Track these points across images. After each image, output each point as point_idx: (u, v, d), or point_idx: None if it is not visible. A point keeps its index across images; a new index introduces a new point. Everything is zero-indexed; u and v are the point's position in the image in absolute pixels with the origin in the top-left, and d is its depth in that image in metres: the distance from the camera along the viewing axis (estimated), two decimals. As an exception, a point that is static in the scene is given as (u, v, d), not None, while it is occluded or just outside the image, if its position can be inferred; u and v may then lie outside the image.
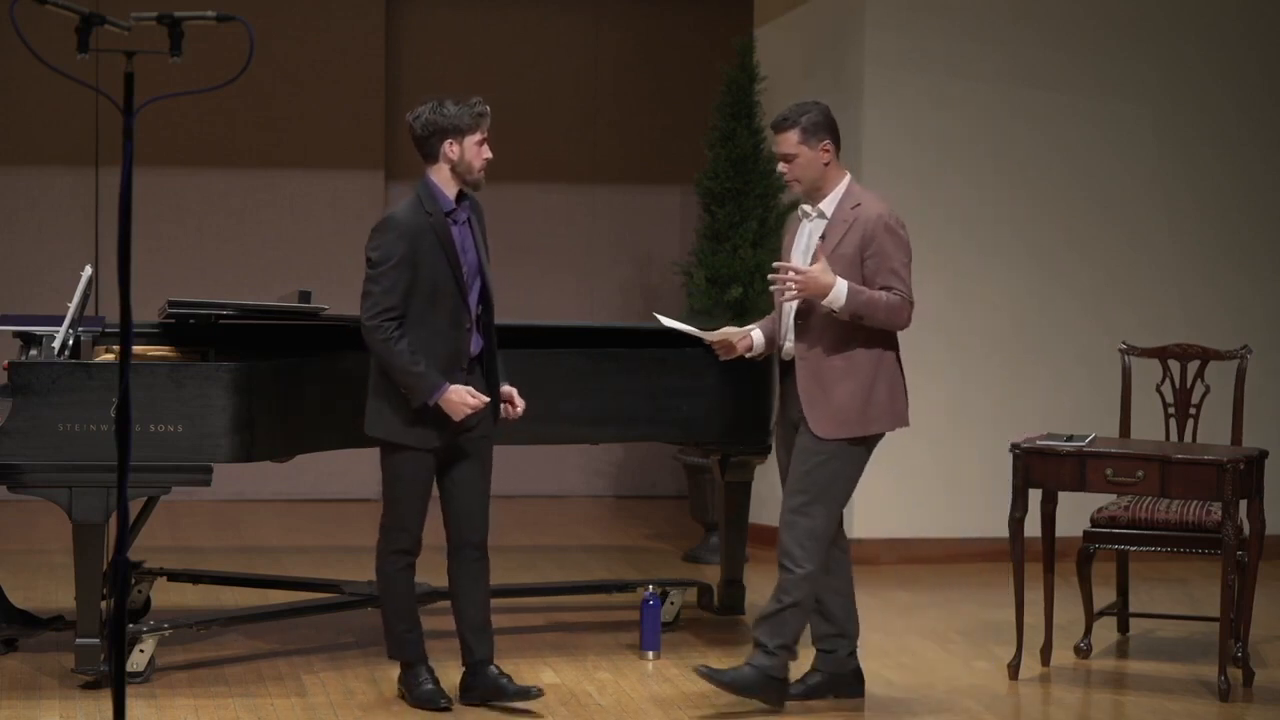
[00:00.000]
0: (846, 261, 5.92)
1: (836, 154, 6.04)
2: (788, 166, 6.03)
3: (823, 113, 6.05)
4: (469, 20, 10.89)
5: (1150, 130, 9.15)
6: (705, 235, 9.26)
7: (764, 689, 6.03)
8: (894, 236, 5.95)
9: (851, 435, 5.98)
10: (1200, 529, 6.57)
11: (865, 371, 5.97)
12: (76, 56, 3.90)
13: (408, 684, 6.10)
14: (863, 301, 5.86)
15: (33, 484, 6.07)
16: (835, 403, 5.96)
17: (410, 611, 6.09)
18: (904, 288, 5.92)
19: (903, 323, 5.95)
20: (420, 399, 5.84)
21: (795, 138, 6.00)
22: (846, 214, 5.98)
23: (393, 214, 5.96)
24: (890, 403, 6.02)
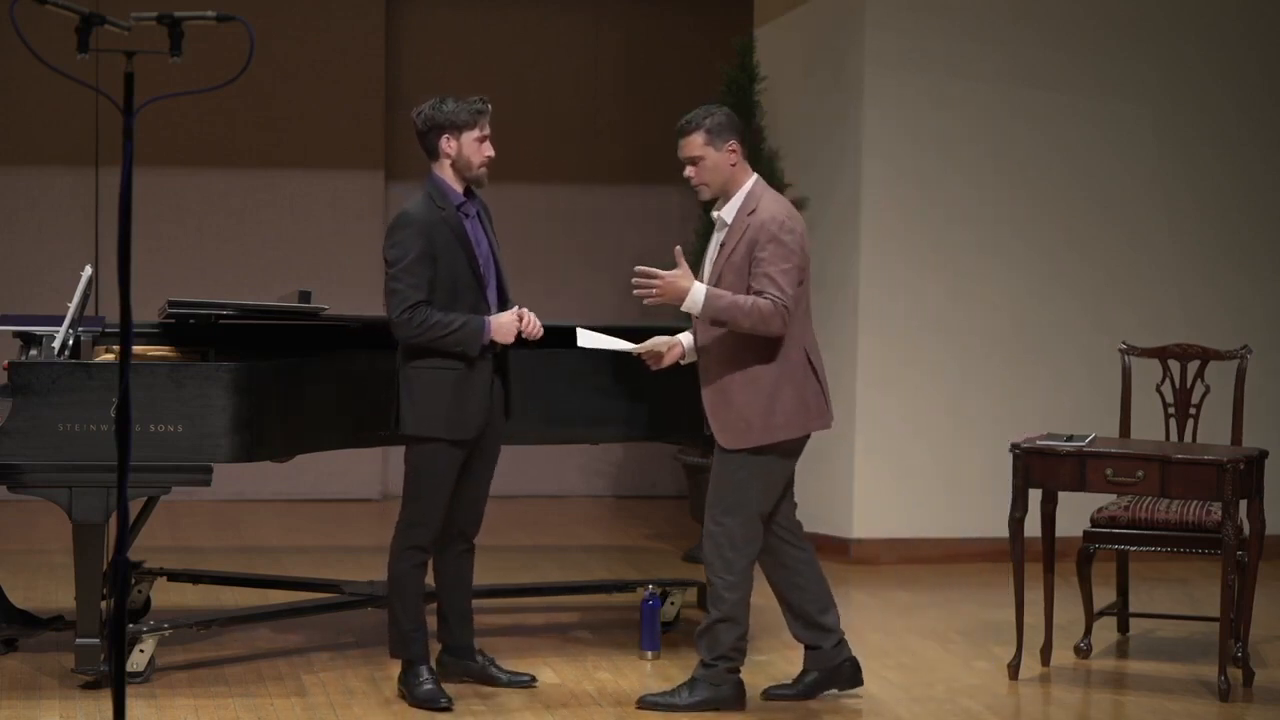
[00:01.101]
0: (736, 270, 5.89)
1: (743, 156, 6.00)
2: (694, 170, 6.00)
3: (727, 115, 6.01)
4: (469, 20, 10.89)
5: (1150, 130, 9.15)
6: (705, 235, 9.25)
7: (714, 701, 6.05)
8: (776, 242, 5.85)
9: (755, 444, 5.93)
10: (1200, 529, 6.57)
11: (766, 379, 5.90)
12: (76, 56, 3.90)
13: (408, 683, 6.11)
14: (722, 307, 5.82)
15: (33, 484, 6.07)
16: (736, 413, 5.92)
17: (419, 611, 6.14)
18: (777, 292, 5.80)
19: (773, 329, 5.82)
20: (476, 345, 5.96)
21: (700, 139, 5.97)
22: (742, 221, 5.94)
23: (407, 211, 6.01)
24: (798, 409, 5.94)
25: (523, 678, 6.34)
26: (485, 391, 6.06)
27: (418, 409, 6.00)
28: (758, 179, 6.04)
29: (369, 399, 6.63)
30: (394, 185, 10.70)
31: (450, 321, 5.93)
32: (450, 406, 5.99)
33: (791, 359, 5.94)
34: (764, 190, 6.01)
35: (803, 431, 6.00)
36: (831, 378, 9.07)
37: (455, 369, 5.99)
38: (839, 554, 8.98)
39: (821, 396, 6.04)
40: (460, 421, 6.01)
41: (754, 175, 6.04)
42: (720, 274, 5.94)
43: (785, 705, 6.20)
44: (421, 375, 5.99)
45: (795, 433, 5.97)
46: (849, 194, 8.99)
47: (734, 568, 6.00)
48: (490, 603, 7.34)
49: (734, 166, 5.98)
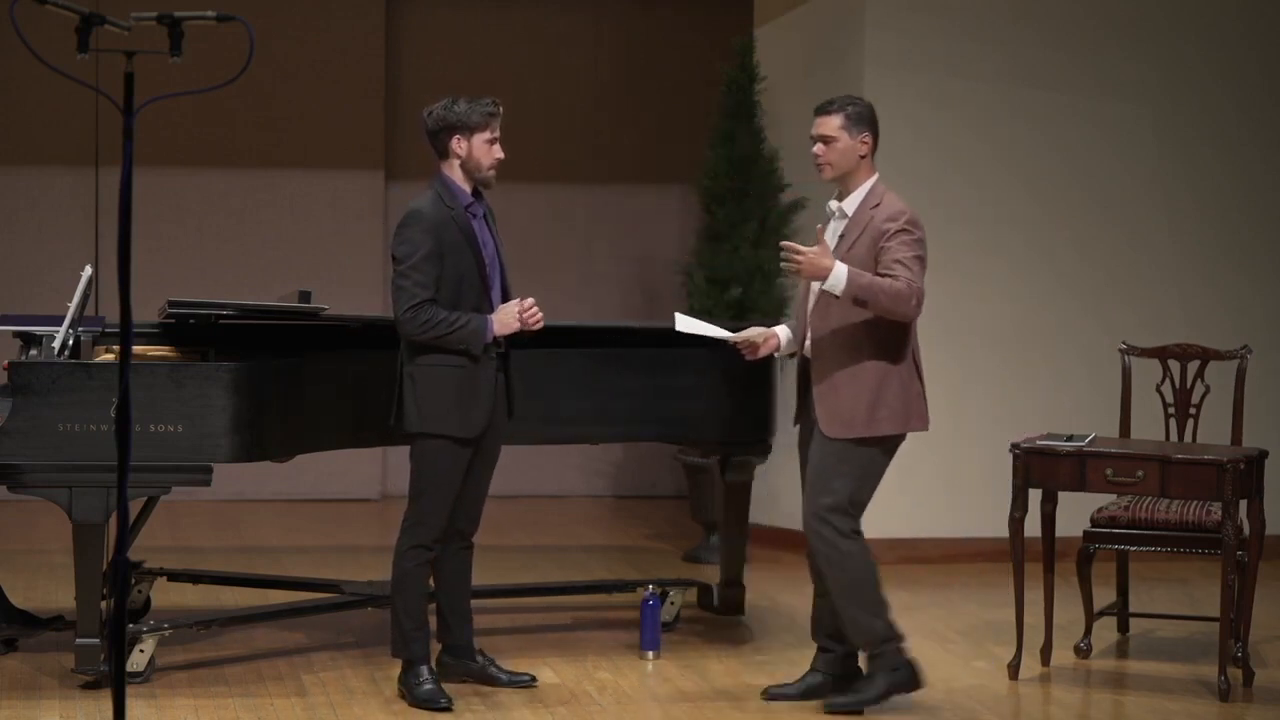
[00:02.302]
0: (859, 263, 5.93)
1: (872, 153, 6.06)
2: (823, 149, 6.05)
3: (870, 109, 6.10)
4: (469, 20, 10.89)
5: (1150, 130, 9.15)
6: (705, 235, 9.26)
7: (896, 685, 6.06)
8: (905, 233, 5.94)
9: (857, 436, 5.97)
10: (1200, 529, 6.57)
11: (874, 373, 5.96)
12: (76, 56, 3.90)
13: (408, 683, 6.11)
14: (863, 285, 5.84)
15: (33, 484, 6.07)
16: (842, 403, 5.97)
17: (421, 611, 6.14)
18: (910, 275, 5.88)
19: (908, 310, 5.89)
20: (479, 343, 5.98)
21: (838, 121, 6.04)
22: (865, 215, 6.00)
23: (416, 208, 6.03)
24: (902, 406, 5.99)
25: (523, 678, 6.34)
26: (490, 389, 6.07)
27: (423, 406, 6.01)
28: (880, 180, 6.08)
29: (369, 399, 6.63)
30: (394, 185, 10.69)
31: (455, 319, 5.95)
32: (456, 404, 6.00)
33: (900, 358, 5.99)
34: (886, 190, 6.08)
35: (903, 429, 6.03)
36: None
37: (460, 366, 6.00)
38: (839, 554, 8.98)
39: (923, 400, 6.08)
40: (466, 419, 6.03)
41: (876, 173, 6.09)
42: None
43: (787, 706, 6.19)
44: (427, 372, 6.01)
45: (896, 429, 6.01)
46: (849, 194, 8.98)
47: (848, 555, 6.01)
48: (490, 603, 7.34)
49: (862, 158, 6.05)
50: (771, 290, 9.07)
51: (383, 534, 10.09)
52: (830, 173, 6.08)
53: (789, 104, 9.27)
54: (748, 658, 6.91)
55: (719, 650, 6.99)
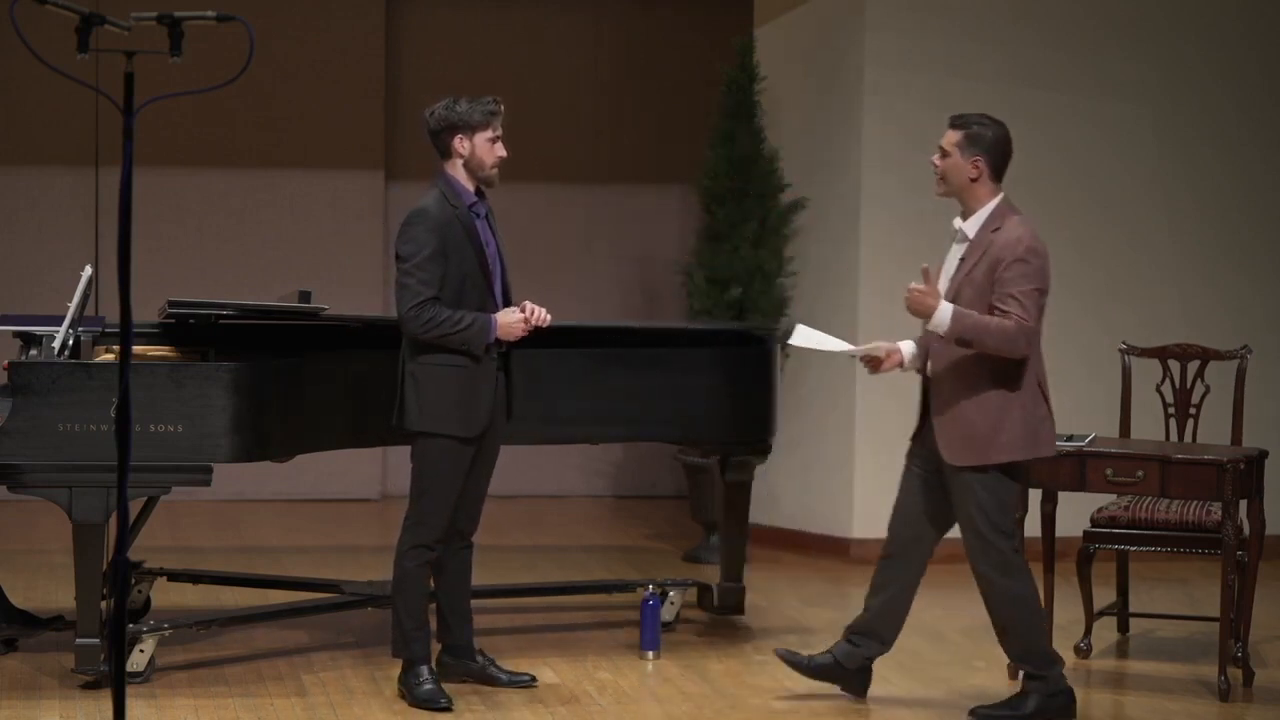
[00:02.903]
0: (977, 287, 5.87)
1: (991, 177, 5.95)
2: (939, 161, 6.02)
3: (996, 134, 5.95)
4: (469, 20, 10.89)
5: (1150, 130, 9.15)
6: (705, 235, 9.26)
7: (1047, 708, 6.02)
8: (1022, 263, 5.84)
9: (979, 462, 5.90)
10: (1200, 529, 6.57)
11: (995, 401, 5.87)
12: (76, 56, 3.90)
13: (408, 683, 6.12)
14: (969, 325, 5.78)
15: (33, 484, 6.07)
16: (963, 427, 5.90)
17: (422, 611, 6.15)
18: (1021, 313, 5.79)
19: (1017, 350, 5.81)
20: (481, 343, 6.00)
21: (956, 138, 5.98)
22: (985, 239, 5.92)
23: (422, 207, 6.04)
24: (1025, 433, 5.90)
25: (523, 678, 6.34)
26: (491, 389, 6.08)
27: (425, 405, 6.02)
28: (1005, 200, 5.99)
29: (369, 399, 6.63)
30: (394, 185, 10.69)
31: (459, 319, 5.96)
32: (457, 403, 6.01)
33: (1023, 383, 5.90)
34: (1010, 211, 5.97)
35: (1027, 456, 5.95)
36: (831, 377, 9.13)
37: (462, 366, 6.01)
38: (839, 554, 8.99)
39: (1049, 424, 5.99)
40: (467, 419, 6.03)
41: (1001, 196, 5.99)
42: (959, 289, 5.91)
43: (787, 706, 6.19)
44: (428, 371, 6.02)
45: (1019, 455, 5.92)
46: (849, 194, 9.00)
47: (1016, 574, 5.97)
48: (490, 603, 7.34)
49: (973, 181, 5.95)
50: (771, 290, 9.07)
51: (383, 534, 10.08)
52: (940, 187, 6.04)
53: (789, 104, 9.27)
54: (748, 658, 6.91)
55: (719, 650, 6.99)
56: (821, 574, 8.72)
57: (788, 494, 9.28)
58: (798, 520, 9.26)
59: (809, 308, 9.14)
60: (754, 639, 7.23)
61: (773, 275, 9.06)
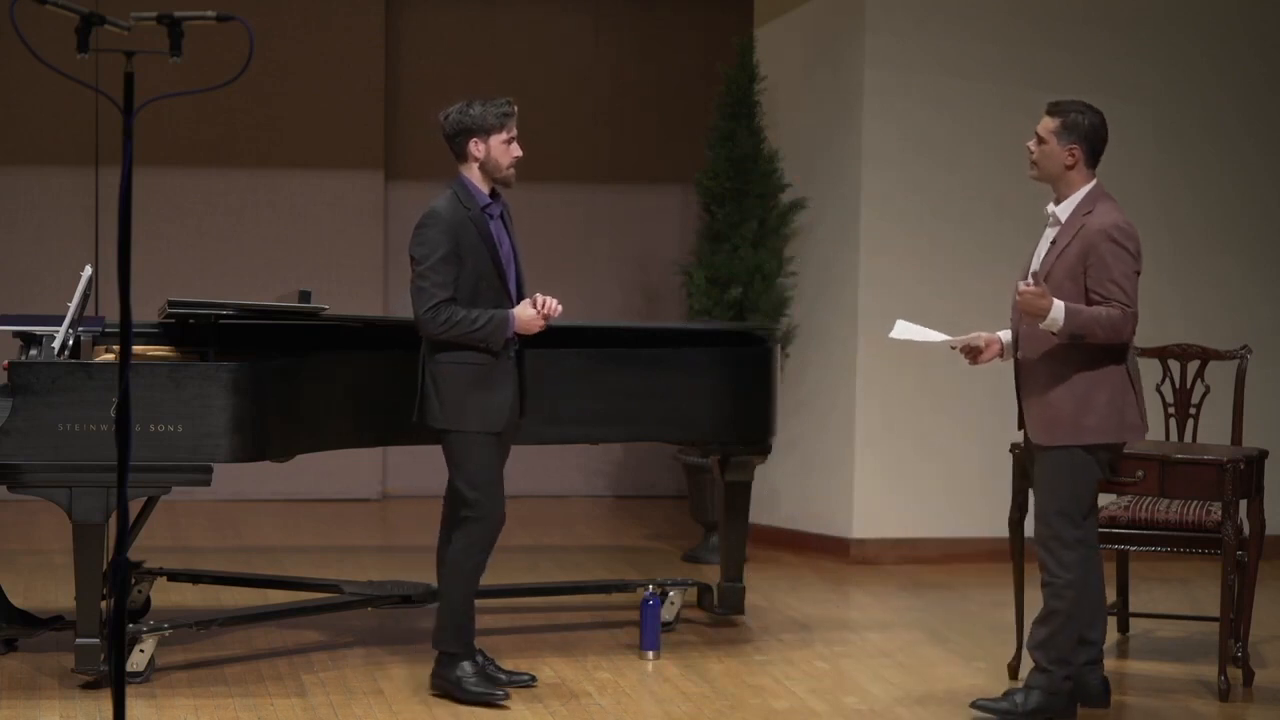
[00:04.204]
0: (1068, 269, 5.92)
1: (1086, 164, 6.01)
2: (1035, 146, 6.05)
3: (1093, 122, 6.01)
4: (469, 20, 10.89)
5: (1150, 130, 9.15)
6: (705, 235, 9.26)
7: (1049, 709, 6.00)
8: (1115, 246, 5.89)
9: (1065, 443, 5.91)
10: (1200, 529, 6.56)
11: (1081, 383, 5.90)
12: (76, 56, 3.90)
13: (454, 679, 6.10)
14: (1081, 322, 5.82)
15: (33, 484, 6.07)
16: (1050, 412, 5.94)
17: (473, 605, 6.18)
18: (1124, 298, 5.84)
19: (1125, 337, 5.86)
20: (500, 338, 6.03)
21: (1054, 125, 6.02)
22: (1077, 221, 5.97)
23: (435, 209, 6.06)
24: (1112, 412, 5.92)
25: (523, 678, 6.34)
26: (509, 385, 6.10)
27: (446, 402, 6.04)
28: (1099, 187, 6.05)
29: (369, 399, 6.63)
30: (394, 185, 10.69)
31: (476, 317, 5.98)
32: (478, 400, 6.04)
33: (1109, 366, 5.92)
34: (1103, 195, 6.04)
35: (1114, 439, 5.96)
36: (831, 377, 9.13)
37: (482, 363, 6.03)
38: (839, 554, 8.99)
39: (1137, 409, 5.99)
40: (488, 414, 6.07)
41: (1095, 182, 6.04)
42: (1050, 270, 5.96)
43: (787, 707, 6.20)
44: (448, 369, 6.03)
45: (1106, 438, 5.94)
46: (849, 194, 8.99)
47: (1066, 564, 5.95)
48: (490, 603, 7.34)
49: (1069, 168, 6.00)
50: (771, 290, 9.07)
51: (383, 534, 10.09)
52: (1034, 172, 6.08)
53: (789, 104, 9.27)
54: (748, 658, 6.91)
55: (719, 650, 6.99)
56: (821, 574, 8.72)
57: (788, 494, 9.28)
58: (798, 520, 9.26)
59: (809, 308, 9.14)
60: (754, 639, 7.23)
61: (773, 275, 9.06)
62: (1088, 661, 6.18)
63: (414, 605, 7.13)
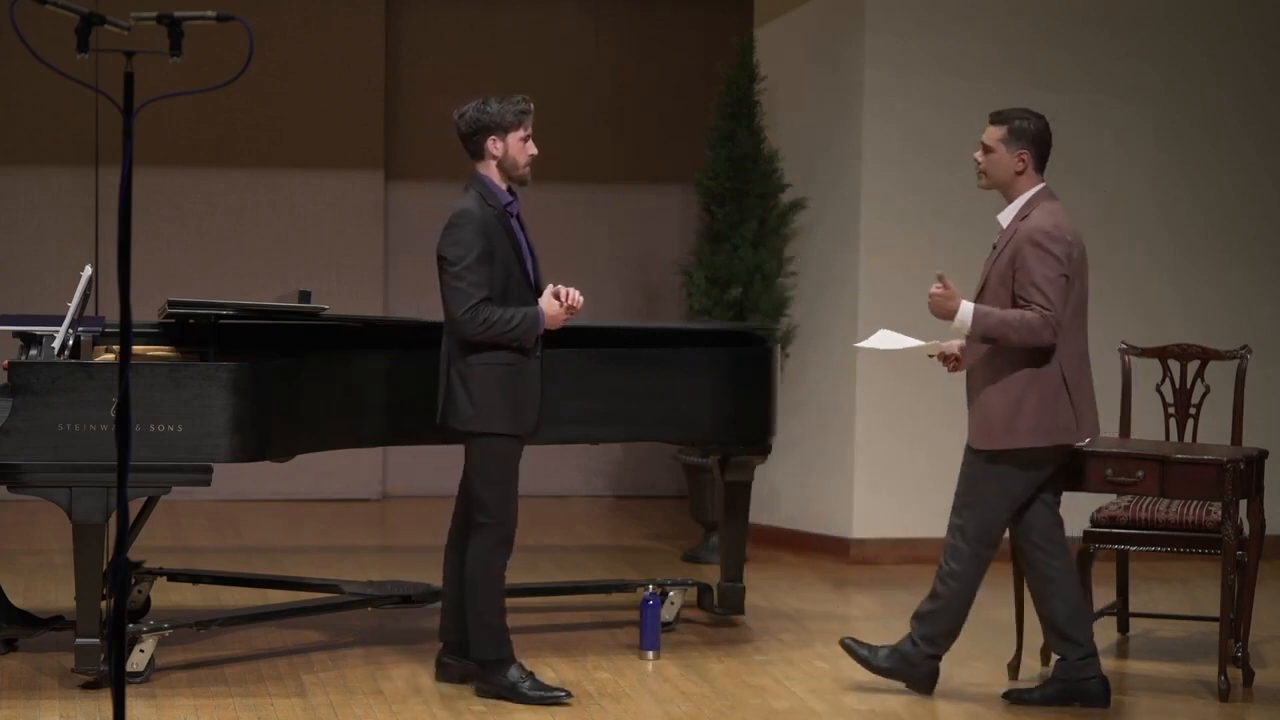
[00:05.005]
0: (999, 274, 6.01)
1: (1035, 168, 6.09)
2: (982, 157, 6.12)
3: (1039, 126, 6.11)
4: (469, 20, 10.89)
5: (1150, 130, 9.15)
6: (705, 235, 9.26)
7: (903, 674, 6.26)
8: (1038, 250, 5.94)
9: (996, 447, 6.01)
10: (1200, 529, 6.56)
11: (1015, 387, 5.98)
12: (76, 56, 3.90)
13: (505, 684, 6.09)
14: (990, 324, 5.90)
15: (33, 484, 6.07)
16: (983, 414, 6.04)
17: (504, 609, 6.17)
18: (1043, 302, 5.89)
19: (1044, 340, 5.91)
20: (533, 336, 6.04)
21: (1000, 133, 6.10)
22: (1013, 227, 6.07)
23: (465, 209, 6.04)
24: (1044, 417, 5.98)
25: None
26: (538, 385, 6.10)
27: (478, 404, 6.02)
28: (1043, 191, 6.11)
29: (369, 399, 6.63)
30: (394, 185, 10.69)
31: (511, 317, 5.98)
32: (509, 401, 6.04)
33: (1044, 370, 5.98)
34: (1044, 200, 6.09)
35: (1048, 443, 6.03)
36: (831, 377, 9.12)
37: (512, 363, 6.03)
38: (839, 554, 8.98)
39: (1071, 412, 6.04)
40: (519, 416, 6.08)
41: (1040, 187, 6.11)
42: (988, 277, 6.08)
43: (787, 706, 6.20)
44: (478, 371, 6.01)
45: (1038, 442, 6.01)
46: (849, 194, 8.99)
47: (960, 558, 6.15)
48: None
49: (1018, 174, 6.08)
50: (771, 290, 9.07)
51: (383, 534, 10.09)
52: (984, 181, 6.18)
53: (789, 104, 9.27)
54: (748, 658, 6.91)
55: (719, 650, 6.99)
56: (821, 574, 8.72)
57: (788, 494, 9.28)
58: (798, 520, 9.26)
59: (809, 308, 9.14)
60: (754, 639, 7.23)
61: (773, 275, 9.06)
62: (1081, 658, 6.20)
63: (414, 605, 7.13)
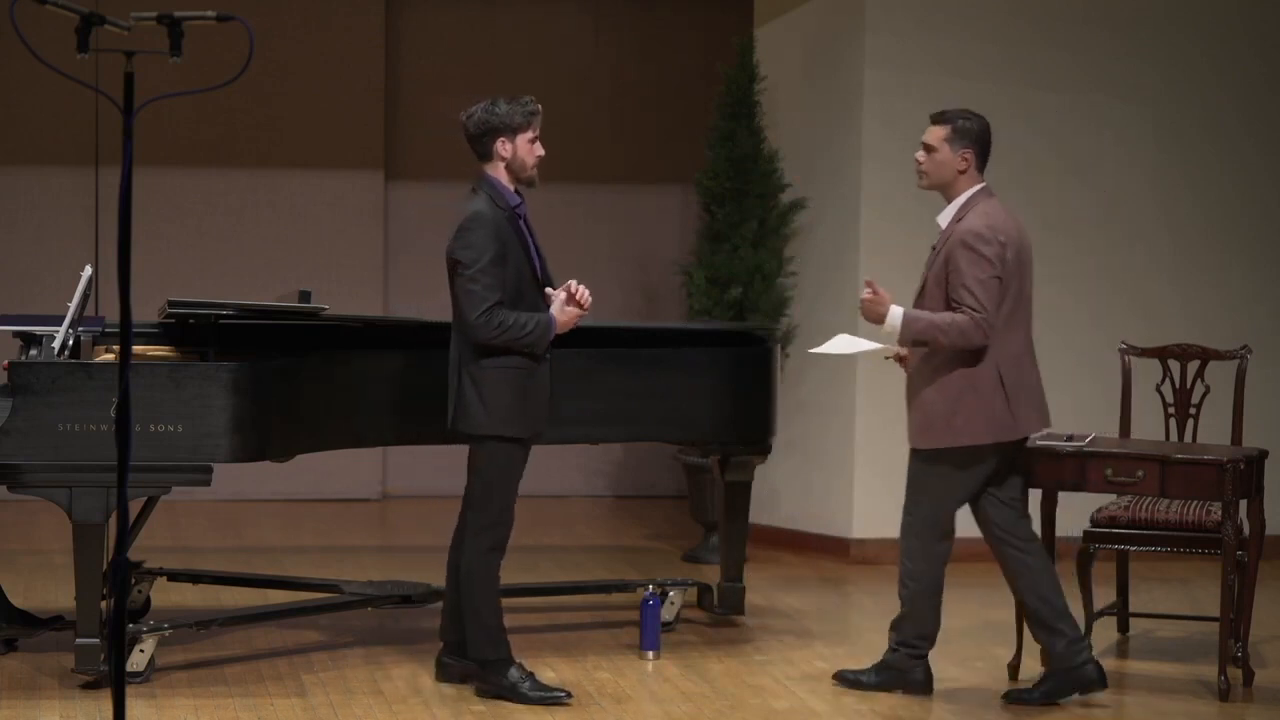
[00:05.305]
0: (935, 276, 6.05)
1: (977, 167, 6.12)
2: (924, 157, 6.13)
3: (981, 125, 6.14)
4: (469, 20, 10.89)
5: (1150, 130, 9.15)
6: (705, 235, 9.26)
7: (898, 683, 6.29)
8: (970, 252, 5.96)
9: (934, 445, 6.06)
10: (1200, 529, 6.56)
11: (952, 386, 6.03)
12: (76, 56, 3.90)
13: (508, 685, 6.08)
14: (919, 329, 5.95)
15: (33, 484, 6.07)
16: (922, 413, 6.09)
17: (501, 609, 6.17)
18: (974, 303, 5.92)
19: (974, 343, 5.95)
20: (545, 342, 6.03)
21: (943, 133, 6.12)
22: (950, 229, 6.10)
23: (478, 211, 6.01)
24: (981, 418, 6.02)
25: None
26: (547, 389, 6.10)
27: (491, 408, 6.01)
28: (982, 191, 6.13)
29: (369, 399, 6.63)
30: (394, 185, 10.69)
31: (525, 322, 5.96)
32: (521, 405, 6.03)
33: (980, 370, 6.03)
34: (982, 202, 6.11)
35: (987, 440, 6.07)
36: (831, 377, 9.12)
37: (524, 367, 6.02)
38: (839, 554, 8.98)
39: (1008, 410, 6.08)
40: (529, 420, 6.08)
41: (979, 187, 6.13)
42: (926, 280, 6.11)
43: (788, 706, 6.20)
44: (491, 374, 6.00)
45: (977, 440, 6.06)
46: (849, 194, 8.99)
47: (913, 556, 6.20)
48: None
49: (960, 174, 6.10)
50: (771, 290, 9.07)
51: (383, 534, 10.09)
52: (924, 181, 6.19)
53: (789, 104, 9.27)
54: (748, 658, 6.91)
55: (719, 650, 6.99)
56: (821, 574, 8.72)
57: (788, 494, 9.28)
58: (798, 520, 9.26)
59: (809, 308, 9.14)
60: (754, 639, 7.23)
61: (773, 275, 9.06)
62: (1069, 644, 6.22)
63: (414, 605, 7.13)
